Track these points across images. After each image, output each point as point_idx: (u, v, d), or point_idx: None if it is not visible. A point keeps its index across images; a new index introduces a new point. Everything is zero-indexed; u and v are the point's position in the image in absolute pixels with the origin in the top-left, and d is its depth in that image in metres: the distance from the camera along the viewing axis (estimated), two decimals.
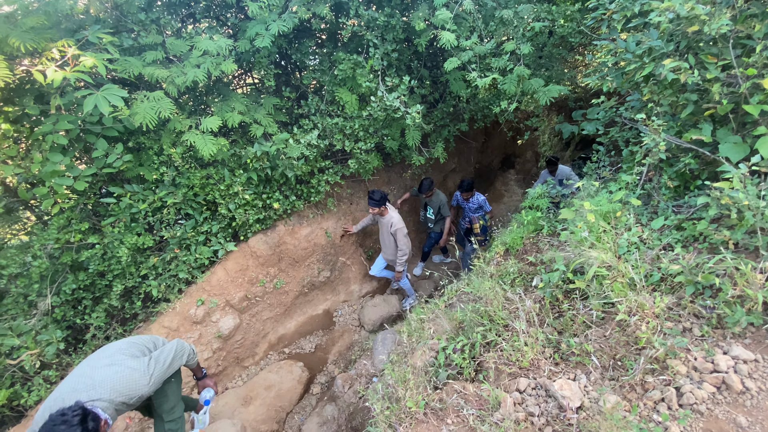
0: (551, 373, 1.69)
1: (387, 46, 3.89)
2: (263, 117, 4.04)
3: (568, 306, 1.99)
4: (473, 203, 5.29)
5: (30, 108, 3.29)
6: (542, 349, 1.81)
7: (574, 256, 2.17)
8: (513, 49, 3.57)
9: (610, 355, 1.70)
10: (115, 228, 3.74)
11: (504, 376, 1.73)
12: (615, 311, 1.81)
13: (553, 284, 2.16)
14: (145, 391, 2.07)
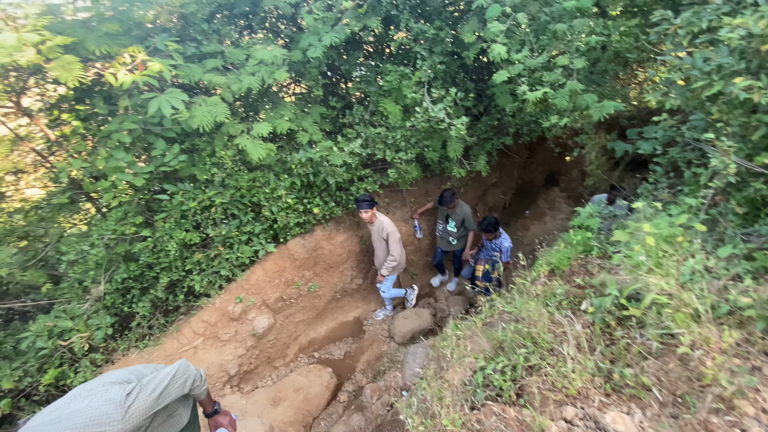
0: (602, 404, 1.56)
1: (434, 58, 3.91)
2: (309, 125, 4.16)
3: (622, 333, 1.85)
4: (496, 245, 4.60)
5: (99, 107, 3.59)
6: (591, 378, 1.69)
7: (628, 280, 2.03)
8: (566, 63, 3.46)
9: (669, 390, 1.55)
10: (166, 223, 3.95)
11: (549, 403, 1.62)
12: (676, 343, 1.66)
13: (605, 309, 2.02)
14: (118, 428, 1.44)
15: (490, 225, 4.40)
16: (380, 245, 4.49)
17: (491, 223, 4.40)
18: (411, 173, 4.63)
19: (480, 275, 4.65)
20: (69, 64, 2.86)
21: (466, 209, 4.85)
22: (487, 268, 4.60)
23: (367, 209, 4.15)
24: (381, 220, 4.35)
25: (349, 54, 4.21)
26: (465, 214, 4.84)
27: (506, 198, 7.39)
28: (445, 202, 4.69)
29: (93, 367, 3.61)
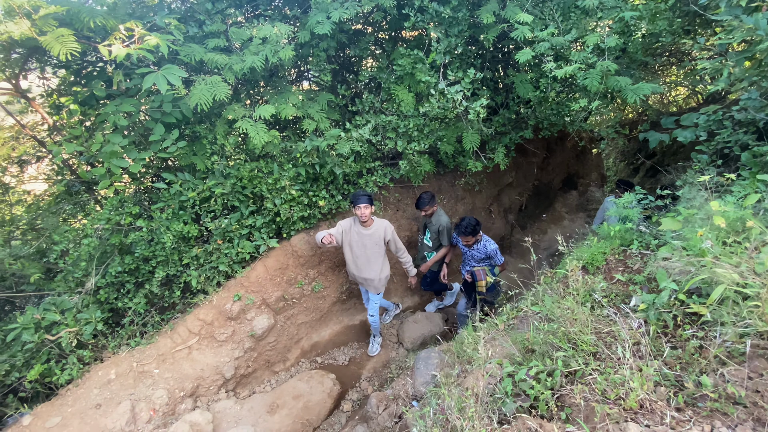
0: (675, 421, 1.22)
1: (451, 40, 3.63)
2: (316, 113, 3.91)
3: (690, 333, 1.51)
4: (478, 251, 3.94)
5: (97, 90, 3.40)
6: (654, 388, 1.35)
7: (688, 272, 1.69)
8: (596, 42, 3.16)
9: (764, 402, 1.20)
10: (163, 214, 3.73)
11: (601, 418, 1.29)
12: (763, 345, 1.31)
13: (661, 306, 1.68)
14: None
15: (470, 227, 3.73)
16: (376, 251, 3.83)
17: (471, 224, 3.73)
18: (423, 166, 4.33)
19: (485, 290, 3.96)
20: (63, 36, 2.67)
21: (444, 220, 4.16)
22: (489, 280, 3.95)
23: (367, 204, 3.58)
24: (379, 222, 3.81)
25: (359, 39, 3.98)
26: (441, 225, 4.14)
27: (522, 199, 7.03)
28: (422, 204, 4.03)
29: (80, 364, 3.37)
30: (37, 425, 2.96)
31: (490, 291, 4.01)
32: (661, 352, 1.51)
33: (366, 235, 3.76)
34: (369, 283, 3.97)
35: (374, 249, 3.82)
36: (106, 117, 3.33)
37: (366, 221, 3.69)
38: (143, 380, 3.35)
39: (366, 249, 3.81)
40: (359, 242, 3.78)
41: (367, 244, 3.79)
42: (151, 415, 3.19)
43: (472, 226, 3.74)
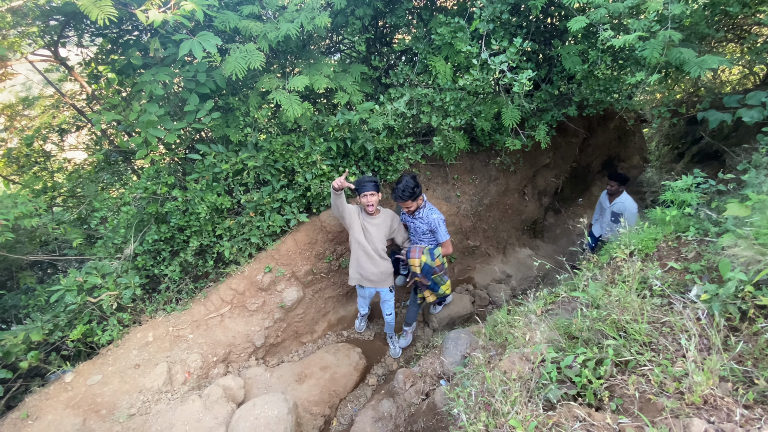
0: (745, 419, 1.12)
1: (496, 6, 3.39)
2: (349, 85, 3.80)
3: (762, 327, 1.37)
4: (422, 221, 3.38)
5: (134, 58, 3.41)
6: (719, 383, 1.24)
7: (757, 262, 1.53)
8: (659, 8, 2.86)
9: None
10: (197, 185, 3.77)
11: (658, 412, 1.20)
12: None
13: (725, 297, 1.54)
14: None
15: (408, 189, 3.13)
16: (383, 244, 3.53)
17: (409, 186, 3.13)
18: (458, 143, 4.17)
19: (419, 270, 3.36)
20: (100, 1, 2.65)
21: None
22: (424, 259, 3.35)
23: (374, 191, 3.28)
24: (385, 211, 3.56)
25: (396, 7, 3.78)
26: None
27: (559, 182, 6.73)
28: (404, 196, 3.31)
29: (120, 326, 3.53)
30: (79, 382, 3.13)
31: (425, 273, 3.40)
32: (727, 346, 1.38)
33: (372, 224, 3.44)
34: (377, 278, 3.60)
35: (380, 240, 3.48)
36: (143, 86, 3.35)
37: (372, 212, 3.39)
38: (178, 344, 3.48)
39: (368, 241, 3.46)
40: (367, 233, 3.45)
41: (372, 234, 3.44)
42: (186, 377, 3.32)
43: (410, 188, 3.15)
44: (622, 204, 4.58)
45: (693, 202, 2.35)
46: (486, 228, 5.72)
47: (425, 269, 3.42)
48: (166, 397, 3.09)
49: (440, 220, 3.39)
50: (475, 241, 5.52)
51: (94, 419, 2.85)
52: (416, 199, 3.31)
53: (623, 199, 4.58)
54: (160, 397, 3.04)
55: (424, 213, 3.41)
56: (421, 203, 3.41)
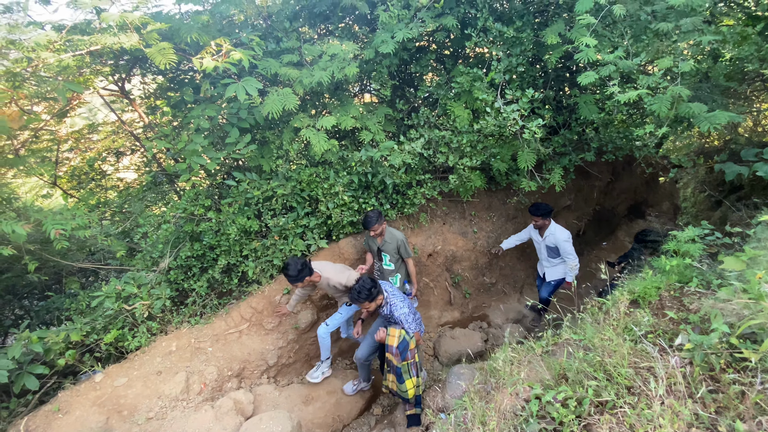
0: None
1: (512, 60, 3.66)
2: (373, 125, 4.12)
3: (733, 378, 1.42)
4: (390, 315, 3.25)
5: (187, 96, 3.89)
6: (687, 429, 1.29)
7: (743, 316, 1.58)
8: (669, 66, 3.01)
9: None
10: (230, 208, 4.13)
11: None
12: None
13: (708, 348, 1.59)
14: None
15: (364, 291, 3.03)
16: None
17: (365, 289, 3.04)
18: (474, 182, 4.35)
19: (396, 343, 3.08)
20: (164, 49, 3.12)
21: (399, 235, 3.90)
22: (403, 333, 3.11)
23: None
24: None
25: (421, 57, 4.14)
26: (398, 241, 3.89)
27: (581, 224, 6.69)
28: (370, 224, 3.70)
29: (148, 334, 3.81)
30: (107, 383, 3.40)
31: (402, 352, 3.09)
32: (703, 393, 1.43)
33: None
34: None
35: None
36: (192, 119, 3.80)
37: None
38: (198, 356, 3.72)
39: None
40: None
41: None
42: (202, 387, 3.52)
43: (366, 290, 3.05)
44: (552, 236, 4.29)
45: (695, 254, 2.39)
46: (503, 266, 5.75)
47: (402, 344, 3.11)
48: (182, 404, 3.29)
49: (405, 315, 3.22)
50: (491, 279, 5.54)
51: (116, 419, 3.08)
52: (372, 299, 3.12)
53: (553, 230, 4.29)
54: (176, 404, 3.24)
55: (389, 310, 3.28)
56: (381, 302, 3.26)
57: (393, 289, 3.44)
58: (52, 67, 3.09)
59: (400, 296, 3.35)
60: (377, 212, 3.78)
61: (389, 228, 3.95)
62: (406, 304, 3.28)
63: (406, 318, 3.21)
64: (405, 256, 4.01)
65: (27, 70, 3.13)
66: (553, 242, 4.30)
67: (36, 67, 3.10)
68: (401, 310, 3.22)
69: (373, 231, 3.79)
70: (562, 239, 4.21)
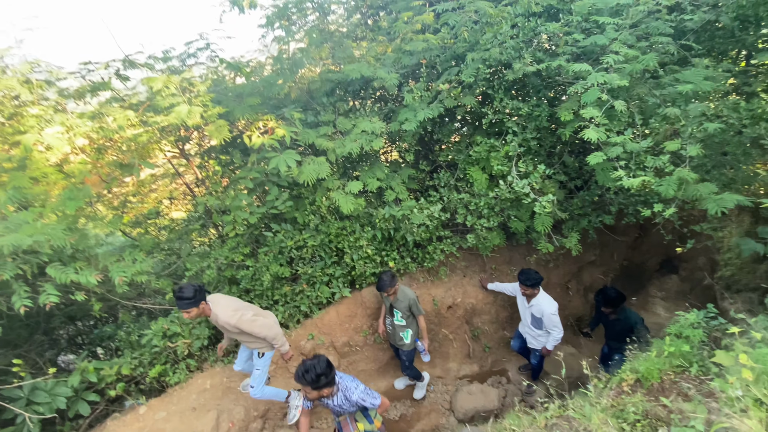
0: None
1: (527, 134, 3.95)
2: (397, 185, 4.50)
3: None
4: (342, 402, 2.86)
5: (236, 158, 4.46)
6: None
7: (718, 416, 1.70)
8: (676, 149, 3.19)
9: None
10: (266, 256, 4.57)
11: None
12: None
13: None
14: None
15: (311, 374, 2.62)
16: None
17: (316, 374, 2.61)
18: (492, 240, 4.57)
19: None
20: (220, 126, 3.69)
21: (410, 294, 4.11)
22: (362, 429, 2.98)
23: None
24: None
25: (443, 125, 4.53)
26: (410, 300, 4.08)
27: (606, 279, 6.61)
28: (384, 287, 3.93)
29: (187, 371, 4.22)
30: (149, 415, 3.79)
31: None
32: None
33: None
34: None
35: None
36: (239, 179, 4.34)
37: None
38: (228, 395, 4.05)
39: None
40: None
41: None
42: (230, 426, 3.83)
43: (315, 375, 2.62)
44: (538, 306, 4.16)
45: (695, 340, 2.48)
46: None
47: None
48: None
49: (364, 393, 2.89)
50: (512, 333, 5.59)
51: None
52: (325, 387, 2.70)
53: (539, 301, 4.16)
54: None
55: (341, 397, 2.86)
56: (334, 391, 2.82)
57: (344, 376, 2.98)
58: (128, 141, 3.72)
59: (351, 377, 2.97)
60: (390, 275, 3.96)
61: (402, 287, 4.14)
62: (361, 384, 2.92)
63: (367, 393, 2.87)
64: (416, 314, 4.17)
65: (109, 142, 3.80)
66: (539, 313, 4.18)
67: (116, 140, 3.75)
68: (357, 390, 2.84)
69: (386, 293, 4.00)
70: (548, 312, 4.09)
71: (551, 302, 4.16)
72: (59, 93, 4.19)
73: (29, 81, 3.87)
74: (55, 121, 3.63)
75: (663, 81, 3.47)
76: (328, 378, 2.68)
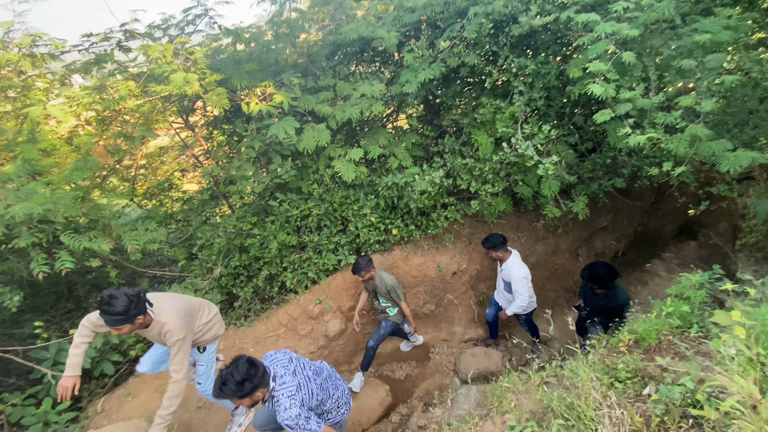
0: None
1: (534, 93, 3.78)
2: (401, 151, 4.43)
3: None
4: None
5: (239, 128, 4.46)
6: None
7: (711, 374, 1.68)
8: (690, 104, 3.00)
9: None
10: (273, 225, 4.65)
11: None
12: None
13: (672, 401, 1.71)
14: None
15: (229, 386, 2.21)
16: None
17: (233, 382, 2.20)
18: (498, 206, 4.50)
19: None
20: (219, 95, 3.68)
21: (388, 280, 4.05)
22: None
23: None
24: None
25: (447, 86, 4.37)
26: (387, 286, 4.05)
27: (619, 245, 6.48)
28: (358, 270, 3.91)
29: None
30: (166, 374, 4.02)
31: None
32: None
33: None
34: None
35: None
36: (242, 148, 4.36)
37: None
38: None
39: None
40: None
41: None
42: None
43: (234, 384, 2.21)
44: (508, 271, 4.14)
45: (696, 301, 2.43)
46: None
47: None
48: None
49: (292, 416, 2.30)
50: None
51: None
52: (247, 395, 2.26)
53: (509, 265, 4.13)
54: None
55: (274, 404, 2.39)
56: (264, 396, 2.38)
57: (287, 372, 2.49)
58: (131, 111, 3.75)
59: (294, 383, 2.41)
60: (367, 259, 3.94)
61: (381, 273, 4.11)
62: (298, 402, 2.33)
63: (297, 420, 2.26)
64: (396, 300, 4.15)
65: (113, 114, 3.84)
66: (508, 277, 4.14)
67: (120, 111, 3.79)
68: (287, 413, 2.27)
69: (362, 277, 3.99)
70: (516, 276, 4.04)
71: (521, 267, 4.12)
72: (67, 67, 4.24)
73: (33, 55, 3.91)
74: (62, 94, 3.69)
75: (681, 31, 3.22)
76: (255, 380, 2.24)
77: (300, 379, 2.48)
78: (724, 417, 1.49)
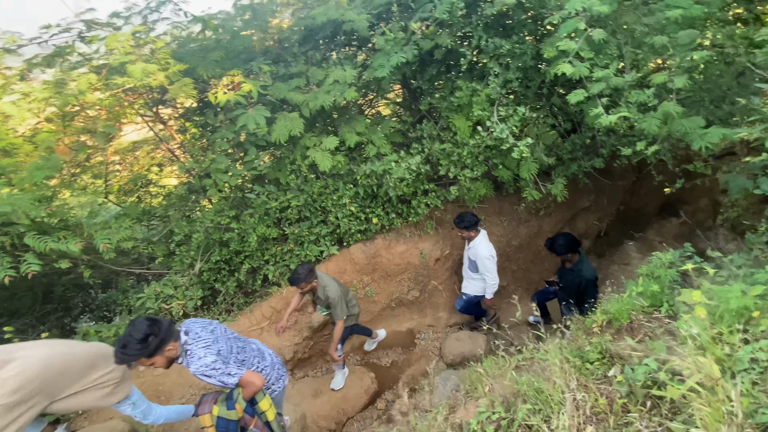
0: None
1: (510, 74, 3.71)
2: (378, 138, 4.35)
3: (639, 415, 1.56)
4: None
5: (210, 119, 4.33)
6: None
7: (673, 355, 1.69)
8: (663, 81, 2.96)
9: None
10: (251, 218, 4.57)
11: None
12: None
13: (636, 382, 1.72)
14: None
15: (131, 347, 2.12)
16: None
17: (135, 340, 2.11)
18: (478, 191, 4.47)
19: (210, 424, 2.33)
20: (185, 85, 3.55)
21: (333, 294, 3.51)
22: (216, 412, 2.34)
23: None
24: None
25: (423, 70, 4.27)
26: (330, 301, 3.53)
27: (602, 225, 6.53)
28: (295, 282, 3.41)
29: None
30: (148, 372, 3.98)
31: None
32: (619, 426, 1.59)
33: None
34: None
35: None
36: (214, 141, 4.24)
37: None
38: None
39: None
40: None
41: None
42: None
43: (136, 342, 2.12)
44: (474, 249, 4.10)
45: (666, 280, 2.44)
46: (515, 269, 5.81)
47: (220, 426, 2.33)
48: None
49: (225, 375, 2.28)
50: (502, 281, 5.63)
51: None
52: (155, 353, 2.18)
53: (476, 244, 4.09)
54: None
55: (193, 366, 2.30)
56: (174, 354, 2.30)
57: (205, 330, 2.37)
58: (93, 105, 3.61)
59: (211, 337, 2.32)
60: (307, 269, 3.45)
61: (328, 285, 3.58)
62: (214, 350, 2.27)
63: (214, 368, 2.22)
64: (335, 318, 3.59)
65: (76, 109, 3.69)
66: (474, 255, 4.11)
67: (82, 105, 3.64)
68: (200, 362, 2.21)
69: (301, 289, 3.49)
70: (483, 255, 4.00)
71: (488, 246, 4.11)
72: (28, 62, 4.04)
73: None
74: (16, 91, 3.53)
75: (654, 7, 3.16)
76: (160, 334, 2.14)
77: (218, 335, 2.37)
78: (683, 399, 1.49)
